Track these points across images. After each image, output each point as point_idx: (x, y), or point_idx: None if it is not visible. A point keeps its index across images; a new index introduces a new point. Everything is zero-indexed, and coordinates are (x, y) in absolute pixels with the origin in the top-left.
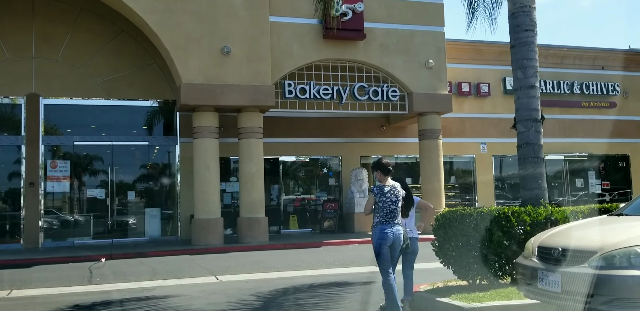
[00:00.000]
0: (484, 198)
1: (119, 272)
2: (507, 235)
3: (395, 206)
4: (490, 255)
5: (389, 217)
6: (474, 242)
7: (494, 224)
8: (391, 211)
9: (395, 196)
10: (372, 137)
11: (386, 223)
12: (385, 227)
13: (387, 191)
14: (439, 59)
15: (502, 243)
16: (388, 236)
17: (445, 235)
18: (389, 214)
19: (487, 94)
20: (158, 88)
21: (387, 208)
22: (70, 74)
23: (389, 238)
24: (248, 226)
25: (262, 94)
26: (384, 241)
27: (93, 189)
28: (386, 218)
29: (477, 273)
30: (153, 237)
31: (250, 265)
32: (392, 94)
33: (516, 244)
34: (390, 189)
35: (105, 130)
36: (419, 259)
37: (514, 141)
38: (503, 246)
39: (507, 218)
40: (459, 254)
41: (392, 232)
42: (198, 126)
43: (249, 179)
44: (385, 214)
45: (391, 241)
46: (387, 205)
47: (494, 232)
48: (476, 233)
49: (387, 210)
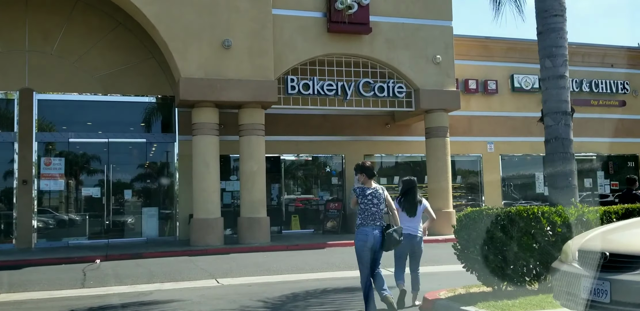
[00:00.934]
0: (491, 199)
1: (114, 274)
2: (536, 237)
3: (377, 209)
4: (518, 259)
5: (369, 219)
6: (500, 245)
7: (522, 226)
8: (372, 214)
9: (376, 199)
10: (376, 135)
11: (367, 225)
12: (366, 229)
13: (368, 193)
14: (447, 54)
15: (531, 246)
16: (368, 239)
17: (469, 237)
18: (370, 217)
19: (495, 91)
20: (156, 83)
21: (369, 210)
22: (65, 68)
23: (369, 241)
24: (249, 227)
25: (264, 89)
26: (364, 243)
27: (88, 187)
28: (367, 220)
29: (503, 279)
30: (150, 237)
31: (252, 267)
32: (399, 91)
33: (546, 248)
34: (372, 192)
35: (102, 127)
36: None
37: (522, 140)
38: (532, 249)
39: (537, 218)
40: (484, 258)
41: (373, 235)
42: (197, 122)
43: (250, 177)
44: (367, 216)
45: (371, 243)
46: (369, 207)
47: (522, 234)
48: (503, 236)
49: (368, 212)
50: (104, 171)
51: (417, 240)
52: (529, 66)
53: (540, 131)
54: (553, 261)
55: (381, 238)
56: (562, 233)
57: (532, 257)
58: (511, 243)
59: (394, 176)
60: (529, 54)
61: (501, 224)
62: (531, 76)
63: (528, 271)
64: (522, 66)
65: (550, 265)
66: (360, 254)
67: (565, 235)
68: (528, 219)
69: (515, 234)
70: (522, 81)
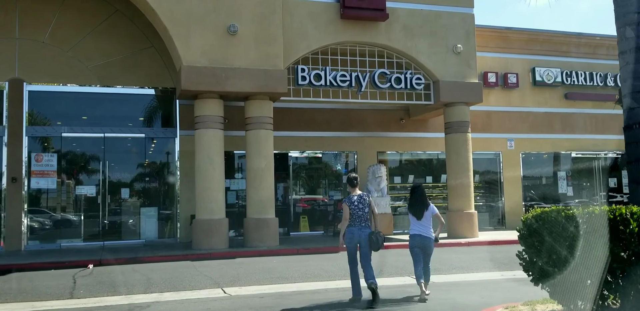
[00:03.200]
0: (511, 198)
1: (107, 282)
2: (624, 244)
3: (362, 212)
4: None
5: (357, 221)
6: (583, 254)
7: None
8: (359, 216)
9: (361, 204)
10: (390, 131)
11: (354, 225)
12: (353, 229)
13: (354, 200)
14: (468, 43)
15: (619, 255)
16: (354, 236)
17: (542, 245)
18: (357, 219)
19: (515, 85)
20: (156, 74)
21: (355, 214)
22: (58, 57)
23: (355, 238)
24: (256, 228)
25: (273, 79)
26: (351, 240)
27: (83, 186)
28: (355, 221)
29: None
30: (149, 240)
31: (261, 274)
32: (417, 82)
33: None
34: (357, 198)
35: (97, 120)
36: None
37: (544, 137)
38: (620, 258)
39: (625, 221)
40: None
41: (359, 233)
42: (200, 115)
43: (257, 175)
44: (354, 219)
45: (357, 240)
46: (355, 211)
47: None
48: (585, 243)
49: (355, 216)
50: (100, 168)
51: (427, 241)
52: (551, 59)
53: (563, 128)
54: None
55: (367, 235)
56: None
57: (619, 268)
58: (595, 251)
59: (408, 175)
60: (551, 46)
61: (583, 229)
62: (553, 69)
63: (615, 286)
64: (544, 59)
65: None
66: (350, 248)
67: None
68: (615, 222)
69: (599, 241)
70: (544, 74)
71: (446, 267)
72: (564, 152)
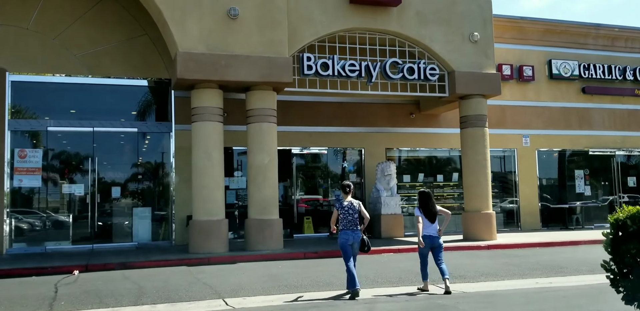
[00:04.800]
0: (526, 198)
1: (93, 291)
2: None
3: (352, 217)
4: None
5: (349, 225)
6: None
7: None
8: (349, 221)
9: (351, 210)
10: (399, 127)
11: (347, 229)
12: (347, 232)
13: (345, 205)
14: (486, 32)
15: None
16: (349, 238)
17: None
18: (349, 223)
19: (531, 78)
20: (150, 64)
21: (346, 218)
22: (43, 45)
23: (349, 239)
24: (258, 230)
25: (277, 67)
26: (346, 241)
27: (70, 184)
28: (347, 225)
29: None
30: (142, 242)
31: (267, 282)
32: (431, 73)
33: None
34: (348, 204)
35: (86, 114)
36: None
37: (560, 133)
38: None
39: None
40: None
41: (352, 235)
42: (198, 107)
43: (259, 172)
44: (346, 222)
45: (351, 241)
46: (346, 216)
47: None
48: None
49: (346, 220)
50: (89, 165)
51: (437, 240)
52: (568, 51)
53: (581, 123)
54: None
55: (359, 238)
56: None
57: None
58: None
59: (418, 173)
60: (568, 37)
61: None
62: (570, 62)
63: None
64: (561, 51)
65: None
66: (345, 248)
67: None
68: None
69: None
70: (561, 67)
71: (472, 274)
72: (582, 149)
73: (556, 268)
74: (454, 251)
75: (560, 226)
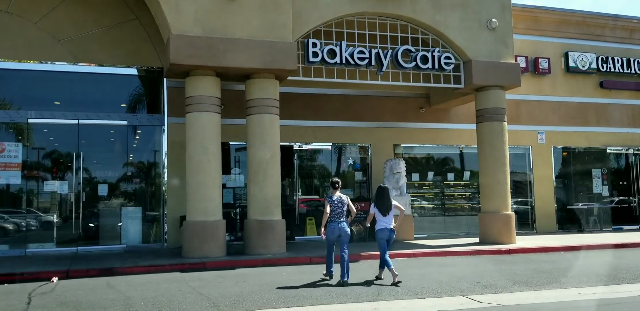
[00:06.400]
0: (542, 199)
1: (72, 303)
2: None
3: (341, 210)
4: None
5: (336, 217)
6: None
7: None
8: (337, 213)
9: (340, 203)
10: (408, 121)
11: (334, 221)
12: (334, 224)
13: (334, 199)
14: (504, 18)
15: None
16: (335, 230)
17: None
18: (337, 215)
19: (547, 71)
20: (140, 51)
21: (335, 211)
22: (24, 30)
23: (336, 231)
24: (259, 232)
25: (280, 53)
26: (333, 232)
27: (53, 181)
28: (334, 217)
29: None
30: (132, 245)
31: (272, 292)
32: (446, 62)
33: None
34: (337, 198)
35: (71, 104)
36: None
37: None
38: None
39: None
40: None
41: (338, 227)
42: (193, 96)
43: (260, 168)
44: (335, 215)
45: (337, 232)
46: (335, 209)
47: None
48: None
49: (334, 212)
50: (74, 161)
51: (390, 232)
52: (584, 43)
53: (598, 120)
54: None
55: (347, 229)
56: None
57: None
58: None
59: (427, 171)
60: (585, 29)
61: None
62: (588, 54)
63: None
64: (577, 43)
65: None
66: (330, 238)
67: None
68: None
69: None
70: (578, 59)
71: (502, 282)
72: (600, 147)
73: (594, 275)
74: (473, 256)
75: (576, 229)
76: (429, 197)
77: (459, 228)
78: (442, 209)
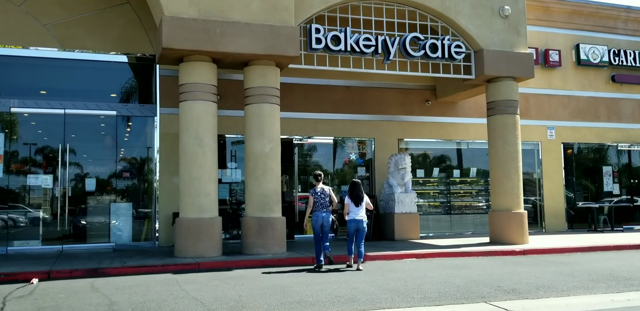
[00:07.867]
0: (551, 197)
1: (50, 308)
2: None
3: (324, 200)
4: None
5: (321, 207)
6: None
7: None
8: (321, 204)
9: (323, 194)
10: (413, 115)
11: (318, 210)
12: (318, 213)
13: (317, 191)
14: (517, 5)
15: None
16: (319, 219)
17: None
18: (320, 205)
19: (558, 63)
20: (131, 37)
21: (319, 202)
22: (7, 13)
23: (319, 220)
24: (257, 231)
25: (282, 38)
26: (317, 221)
27: (37, 175)
28: (319, 208)
29: None
30: (121, 243)
31: (273, 296)
32: (456, 50)
33: None
34: (320, 190)
35: (57, 93)
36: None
37: (587, 126)
38: None
39: None
40: None
41: (322, 216)
42: (188, 83)
43: (259, 162)
44: (318, 205)
45: (322, 221)
46: (319, 200)
47: None
48: None
49: (318, 203)
50: (59, 153)
51: (361, 222)
52: (596, 35)
53: (609, 115)
54: None
55: (329, 218)
56: None
57: None
58: None
59: (433, 167)
60: (597, 21)
61: None
62: (599, 47)
63: None
64: (589, 35)
65: None
66: (315, 227)
67: None
68: None
69: None
70: (589, 52)
71: (525, 286)
72: (610, 143)
73: (622, 279)
74: (486, 257)
75: (586, 228)
76: (434, 194)
77: (465, 227)
78: (447, 207)
